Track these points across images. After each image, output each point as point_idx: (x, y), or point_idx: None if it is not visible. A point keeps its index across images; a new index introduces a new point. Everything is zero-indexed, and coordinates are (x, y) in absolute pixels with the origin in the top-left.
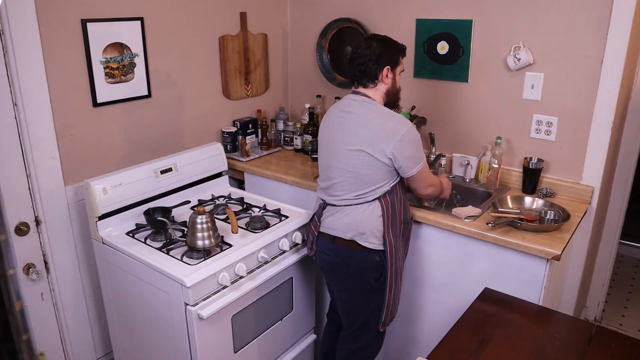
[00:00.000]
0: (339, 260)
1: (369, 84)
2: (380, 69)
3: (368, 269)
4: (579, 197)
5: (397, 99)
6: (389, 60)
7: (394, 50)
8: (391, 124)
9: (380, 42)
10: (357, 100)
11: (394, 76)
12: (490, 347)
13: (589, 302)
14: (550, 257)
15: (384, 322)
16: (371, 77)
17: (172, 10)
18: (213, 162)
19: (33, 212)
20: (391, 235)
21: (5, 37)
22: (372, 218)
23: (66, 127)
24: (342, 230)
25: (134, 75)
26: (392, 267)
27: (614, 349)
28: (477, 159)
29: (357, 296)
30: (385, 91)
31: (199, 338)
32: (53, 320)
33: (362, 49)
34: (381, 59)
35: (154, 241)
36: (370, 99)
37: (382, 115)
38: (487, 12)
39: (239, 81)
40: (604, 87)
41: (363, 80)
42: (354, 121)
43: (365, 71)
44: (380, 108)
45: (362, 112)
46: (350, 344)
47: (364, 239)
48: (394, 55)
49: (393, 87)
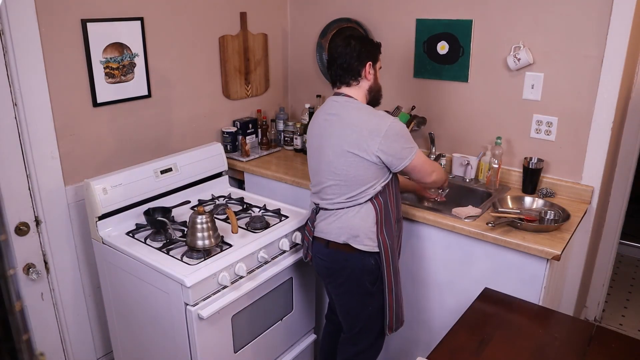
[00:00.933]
0: (334, 265)
1: (352, 82)
2: (362, 65)
3: (364, 272)
4: (579, 197)
5: (379, 96)
6: (369, 56)
7: (373, 46)
8: (373, 121)
9: (358, 39)
10: (339, 102)
11: (375, 72)
12: (490, 347)
13: (589, 302)
14: (550, 257)
15: (389, 325)
16: (354, 74)
17: (172, 10)
18: (213, 162)
19: (33, 212)
20: (385, 236)
21: (5, 37)
22: (365, 220)
23: (66, 127)
24: (335, 234)
25: (134, 75)
26: (390, 269)
27: (614, 349)
28: (477, 159)
29: (354, 300)
30: (368, 88)
31: (199, 338)
32: (53, 320)
33: (341, 48)
34: (362, 55)
35: (154, 241)
36: (352, 98)
37: (363, 114)
38: (487, 12)
39: (239, 81)
40: (604, 87)
41: (345, 78)
42: (338, 123)
43: (348, 69)
44: (361, 107)
45: (344, 113)
46: (350, 347)
47: (358, 242)
48: (373, 51)
49: (375, 83)
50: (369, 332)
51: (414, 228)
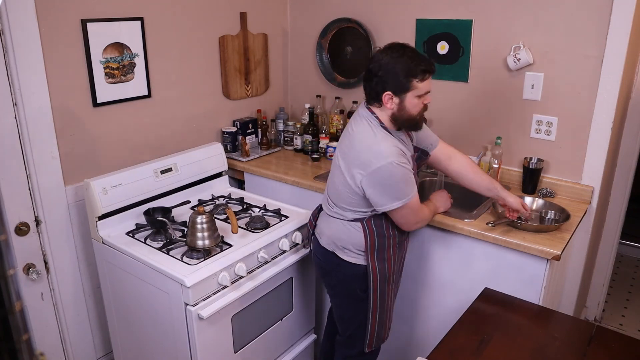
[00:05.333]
0: (327, 266)
1: (374, 103)
2: (381, 92)
3: (354, 278)
4: (579, 197)
5: (411, 124)
6: (391, 85)
7: (406, 71)
8: (369, 155)
9: (393, 59)
10: (361, 116)
11: (401, 101)
12: (490, 347)
13: (589, 302)
14: (550, 257)
15: (369, 343)
16: (373, 98)
17: (172, 10)
18: (213, 162)
19: (33, 212)
20: (376, 262)
21: (5, 37)
22: (352, 238)
23: (66, 127)
24: (325, 241)
25: (134, 75)
26: (376, 292)
27: (614, 349)
28: (477, 159)
29: (346, 303)
30: (391, 115)
31: (199, 338)
32: (53, 320)
33: (373, 62)
34: (382, 82)
35: (154, 241)
36: (373, 116)
37: (365, 142)
38: (487, 12)
39: (239, 81)
40: (604, 87)
41: (367, 97)
42: (346, 138)
43: (367, 89)
44: (370, 132)
45: (354, 131)
46: (344, 349)
47: (345, 254)
48: (403, 79)
49: (400, 113)
50: (361, 338)
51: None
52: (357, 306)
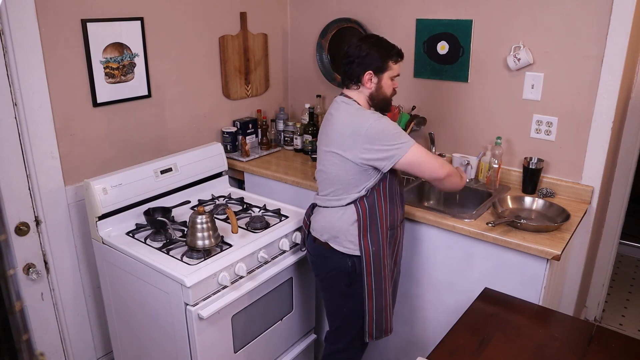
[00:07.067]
0: (317, 260)
1: (352, 86)
2: (362, 72)
3: (339, 272)
4: (579, 197)
5: (384, 104)
6: (372, 65)
7: (383, 54)
8: (355, 122)
9: (371, 44)
10: (337, 102)
11: (379, 81)
12: (490, 347)
13: (589, 302)
14: (550, 257)
15: (369, 332)
16: (353, 80)
17: (172, 10)
18: (213, 162)
19: (33, 212)
20: (369, 242)
21: (5, 37)
22: (346, 223)
23: (66, 127)
24: (319, 231)
25: (134, 75)
26: (370, 275)
27: (614, 349)
28: (477, 159)
29: (332, 297)
30: (369, 95)
31: (199, 338)
32: (53, 320)
33: (351, 49)
34: (365, 62)
35: (154, 241)
36: (350, 99)
37: (348, 116)
38: (487, 12)
39: (239, 81)
40: (604, 87)
41: (346, 81)
42: (330, 122)
43: (348, 72)
44: (352, 109)
45: (337, 113)
46: (330, 344)
47: (338, 243)
48: (381, 60)
49: (377, 92)
50: (344, 333)
51: (415, 228)
52: (340, 301)
